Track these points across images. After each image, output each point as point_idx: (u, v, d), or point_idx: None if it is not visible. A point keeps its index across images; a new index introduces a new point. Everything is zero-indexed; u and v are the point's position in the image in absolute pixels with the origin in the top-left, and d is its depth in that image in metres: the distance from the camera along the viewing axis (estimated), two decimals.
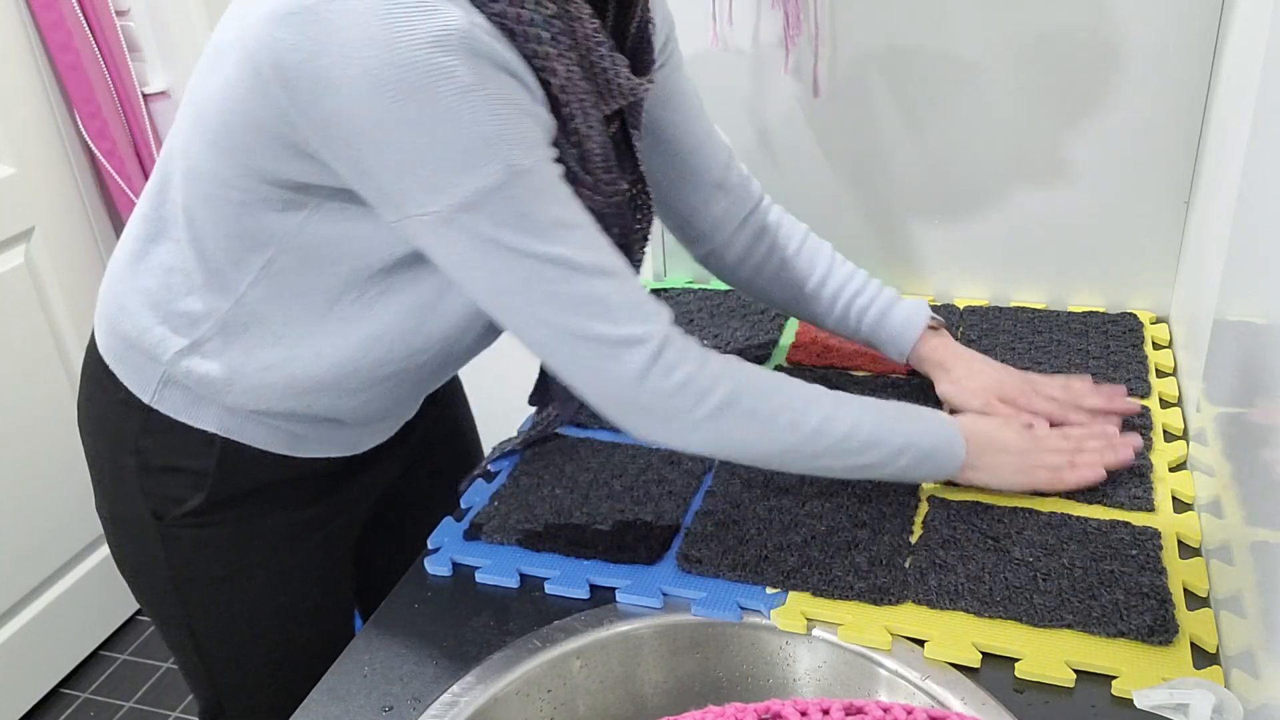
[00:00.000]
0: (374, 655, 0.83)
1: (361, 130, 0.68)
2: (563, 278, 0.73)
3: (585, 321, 0.75)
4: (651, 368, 0.76)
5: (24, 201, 1.83)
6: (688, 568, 0.87)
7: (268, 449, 0.89)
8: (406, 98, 0.66)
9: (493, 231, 0.71)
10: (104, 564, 2.05)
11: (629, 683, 0.86)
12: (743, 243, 1.06)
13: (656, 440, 0.81)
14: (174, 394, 0.87)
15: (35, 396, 1.87)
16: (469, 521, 0.95)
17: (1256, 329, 0.72)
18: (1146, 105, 1.15)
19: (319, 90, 0.67)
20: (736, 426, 0.80)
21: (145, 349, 0.86)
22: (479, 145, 0.68)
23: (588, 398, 0.79)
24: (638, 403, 0.78)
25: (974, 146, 1.23)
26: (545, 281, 0.73)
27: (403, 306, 0.83)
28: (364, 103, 0.66)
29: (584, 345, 0.76)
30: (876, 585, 0.82)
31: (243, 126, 0.73)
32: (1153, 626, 0.76)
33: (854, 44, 1.23)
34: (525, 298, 0.74)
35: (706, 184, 1.03)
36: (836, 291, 1.06)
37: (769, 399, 0.82)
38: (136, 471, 0.90)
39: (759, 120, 1.31)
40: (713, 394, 0.79)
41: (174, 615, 0.96)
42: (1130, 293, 1.26)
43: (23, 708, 1.92)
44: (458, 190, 0.69)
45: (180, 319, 0.84)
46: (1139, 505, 0.90)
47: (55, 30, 1.79)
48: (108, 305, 0.89)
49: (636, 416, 0.80)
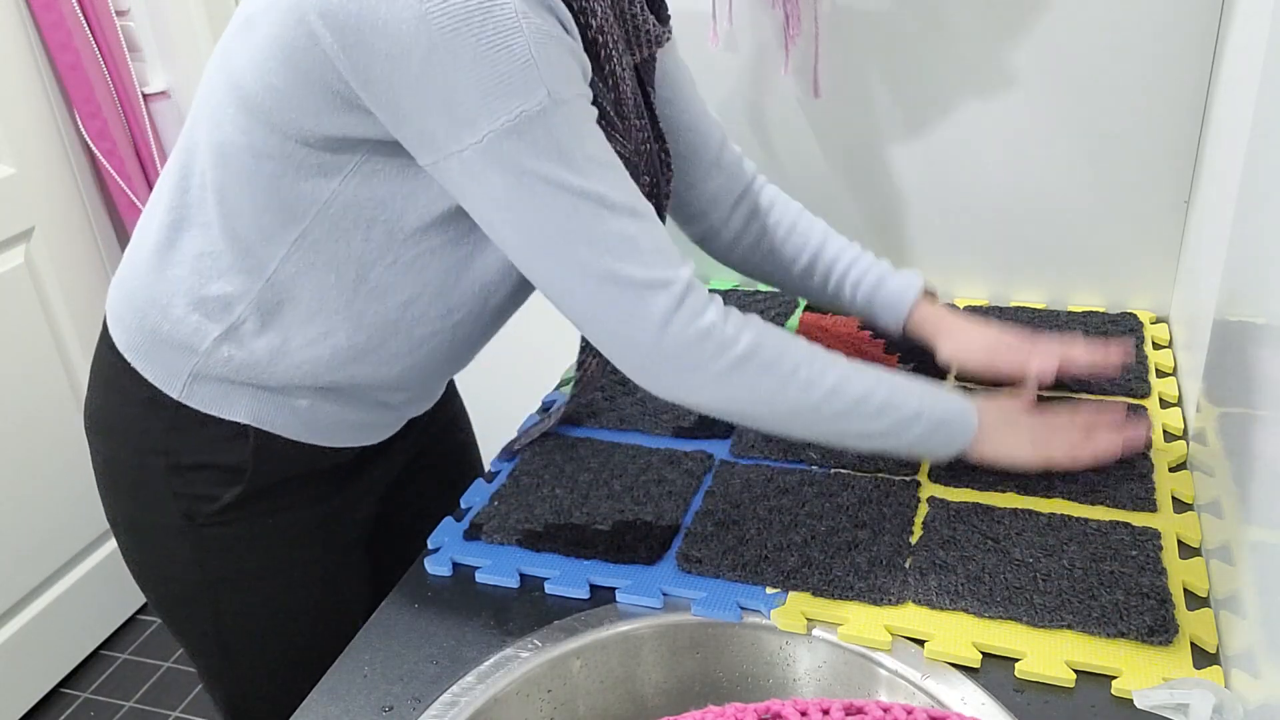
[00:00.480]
0: (374, 655, 0.83)
1: (408, 65, 0.69)
2: (595, 215, 0.74)
3: (615, 262, 0.75)
4: (676, 312, 0.77)
5: (24, 201, 1.83)
6: (688, 568, 0.87)
7: (298, 438, 0.90)
8: (455, 27, 0.68)
9: (532, 162, 0.72)
10: (104, 564, 2.05)
11: (629, 683, 0.86)
12: (738, 221, 1.07)
13: (674, 393, 0.81)
14: (205, 387, 0.86)
15: (35, 396, 1.87)
16: (469, 521, 0.95)
17: (1256, 329, 0.72)
18: (1146, 105, 1.15)
19: (365, 30, 0.69)
20: (755, 381, 0.80)
21: (179, 341, 0.85)
22: (524, 70, 0.69)
23: (609, 346, 0.79)
24: (660, 350, 0.78)
25: (974, 146, 1.23)
26: (579, 216, 0.74)
27: (435, 268, 0.84)
28: (411, 37, 0.68)
29: (611, 287, 0.76)
30: (876, 585, 0.82)
31: (286, 85, 0.74)
32: (1153, 626, 0.76)
33: (854, 44, 1.23)
34: (558, 235, 0.74)
35: (702, 162, 1.04)
36: (830, 266, 1.06)
37: (788, 354, 0.81)
38: (165, 472, 0.89)
39: (759, 120, 1.30)
40: (734, 345, 0.79)
41: (200, 619, 0.95)
42: (1130, 293, 1.26)
43: (23, 708, 1.92)
44: (501, 115, 0.70)
45: (214, 304, 0.84)
46: (1139, 505, 0.90)
47: (55, 30, 1.79)
48: (132, 301, 0.88)
49: (657, 365, 0.79)
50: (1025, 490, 0.93)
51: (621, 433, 1.08)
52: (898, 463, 0.98)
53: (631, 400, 1.13)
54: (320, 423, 0.90)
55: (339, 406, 0.90)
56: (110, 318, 0.91)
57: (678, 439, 1.06)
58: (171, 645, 2.07)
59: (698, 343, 0.78)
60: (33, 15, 1.79)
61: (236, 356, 0.85)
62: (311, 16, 0.70)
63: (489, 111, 0.70)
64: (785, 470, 0.98)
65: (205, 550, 0.91)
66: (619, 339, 0.79)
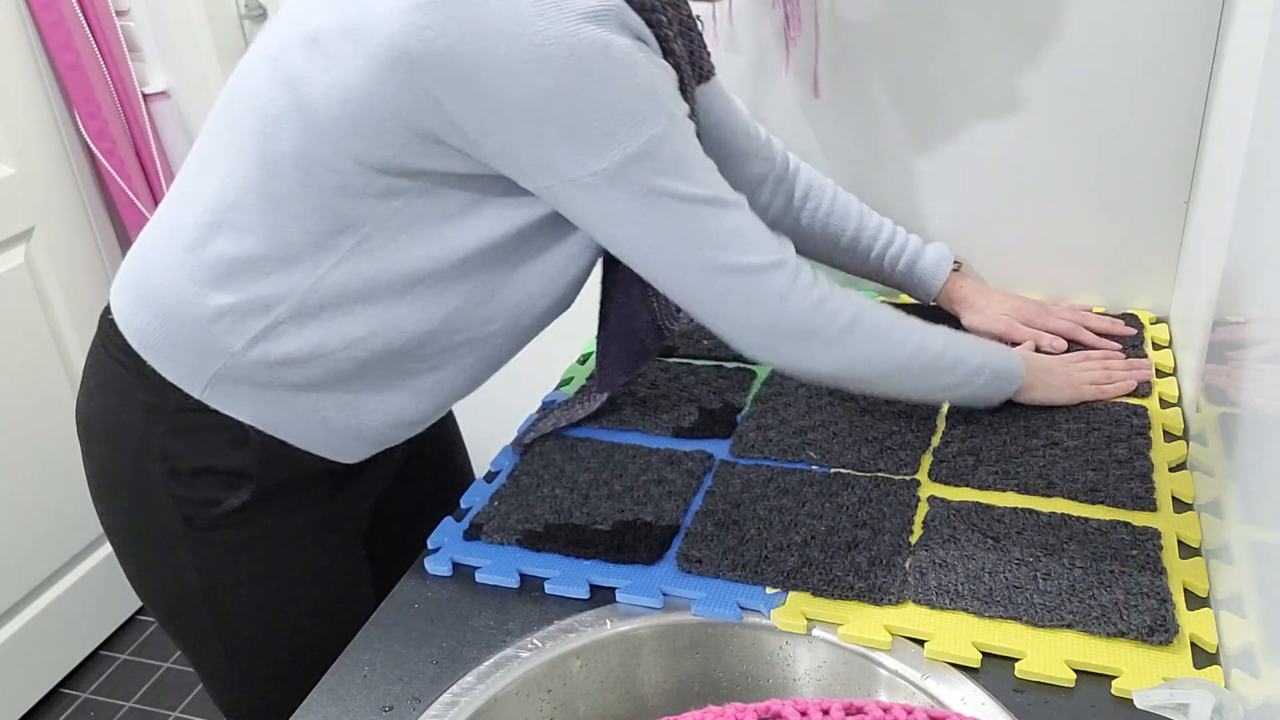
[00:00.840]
0: (374, 655, 0.83)
1: (528, 103, 0.71)
2: (713, 216, 0.80)
3: (735, 255, 0.82)
4: (792, 287, 0.84)
5: (24, 201, 1.83)
6: (688, 568, 0.87)
7: (306, 447, 0.90)
8: (577, 65, 0.70)
9: (658, 181, 0.77)
10: (104, 564, 2.05)
11: (629, 683, 0.86)
12: (779, 204, 1.13)
13: (797, 362, 0.88)
14: (227, 388, 0.86)
15: (35, 396, 1.87)
16: (469, 521, 0.95)
17: (1256, 329, 0.73)
18: (1146, 105, 1.15)
19: (481, 70, 0.71)
20: (863, 342, 0.88)
21: (208, 342, 0.84)
22: (646, 97, 0.74)
23: (733, 330, 0.86)
24: (781, 323, 0.85)
25: (974, 146, 1.23)
26: (698, 221, 0.80)
27: (481, 282, 0.85)
28: (532, 77, 0.70)
29: (734, 278, 0.82)
30: (876, 585, 0.83)
31: (370, 118, 0.75)
32: (1153, 626, 0.76)
33: (854, 44, 1.23)
34: (682, 242, 0.80)
35: (736, 151, 1.08)
36: (870, 243, 1.17)
37: (884, 316, 0.90)
38: (164, 477, 0.88)
39: (759, 120, 1.30)
40: (843, 312, 0.87)
41: (203, 626, 0.95)
42: (1130, 293, 1.26)
43: (23, 708, 1.92)
44: (628, 143, 0.74)
45: (251, 305, 0.83)
46: (1139, 505, 0.90)
47: (55, 30, 1.79)
48: (153, 301, 0.86)
49: (778, 338, 0.86)
50: (1025, 490, 0.93)
51: (621, 433, 1.08)
52: (898, 462, 0.98)
53: (632, 400, 1.13)
54: (334, 432, 0.90)
55: (358, 416, 0.90)
56: (121, 318, 0.89)
57: (678, 439, 1.06)
58: (171, 646, 2.07)
59: (813, 312, 0.85)
60: (33, 15, 1.79)
61: (270, 356, 0.85)
62: (411, 59, 0.71)
63: (617, 140, 0.74)
64: (785, 470, 0.98)
65: (205, 555, 0.91)
66: (744, 323, 0.85)
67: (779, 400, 1.10)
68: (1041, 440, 0.99)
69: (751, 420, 1.07)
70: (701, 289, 0.83)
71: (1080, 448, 0.98)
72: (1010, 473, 0.95)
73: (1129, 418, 1.02)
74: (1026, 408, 1.04)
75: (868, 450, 1.00)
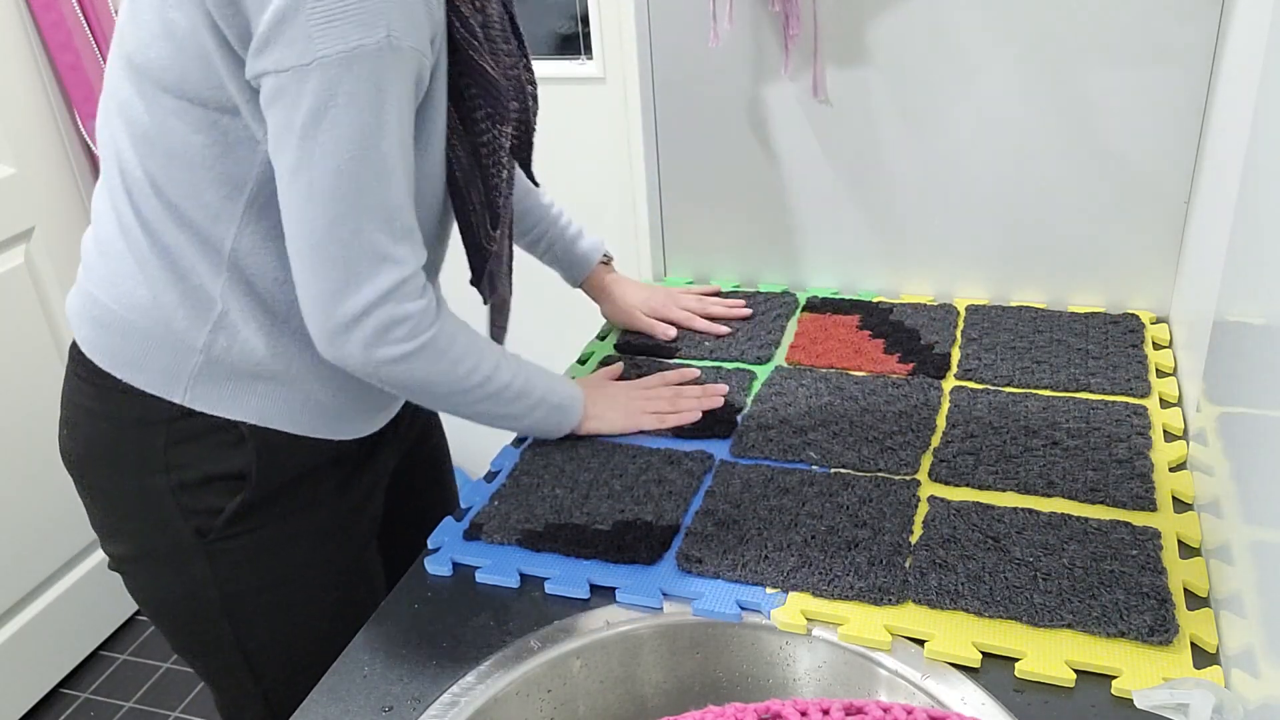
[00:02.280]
0: (374, 655, 0.83)
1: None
2: (378, 176, 0.77)
3: (371, 225, 0.79)
4: (395, 290, 0.81)
5: (24, 201, 1.83)
6: (688, 568, 0.87)
7: (300, 432, 0.90)
8: None
9: (345, 99, 0.73)
10: (104, 565, 2.04)
11: (629, 683, 0.86)
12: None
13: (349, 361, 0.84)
14: (208, 387, 0.86)
15: (35, 396, 1.87)
16: (469, 521, 0.95)
17: (1256, 329, 0.73)
18: (1146, 106, 1.15)
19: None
20: (429, 365, 0.86)
21: (174, 343, 0.85)
22: (373, 7, 0.72)
23: (318, 299, 0.81)
24: (363, 319, 0.81)
25: (974, 146, 1.23)
26: (367, 165, 0.76)
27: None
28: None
29: (355, 244, 0.79)
30: (876, 585, 0.82)
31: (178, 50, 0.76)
32: (1153, 626, 0.76)
33: (854, 44, 1.23)
34: (338, 180, 0.76)
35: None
36: (542, 234, 1.20)
37: (457, 343, 0.89)
38: (171, 491, 0.88)
39: (759, 120, 1.31)
40: (423, 333, 0.85)
41: (223, 639, 0.94)
42: (1130, 293, 1.26)
43: (23, 708, 1.92)
44: (336, 44, 0.72)
45: (195, 297, 0.84)
46: (1139, 505, 0.90)
47: (55, 30, 1.80)
48: (109, 316, 0.87)
49: (348, 332, 0.82)
50: (1025, 489, 0.93)
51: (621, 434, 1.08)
52: (898, 462, 0.98)
53: None
54: (324, 409, 0.90)
55: (337, 386, 0.91)
56: (85, 340, 0.89)
57: (678, 439, 1.06)
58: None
59: (397, 323, 0.83)
60: (33, 15, 1.79)
61: (234, 346, 0.85)
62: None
63: (324, 36, 0.72)
64: (785, 470, 0.98)
65: (221, 566, 0.91)
66: (331, 296, 0.80)
67: (779, 400, 1.10)
68: (1041, 440, 0.99)
69: (751, 420, 1.07)
70: (320, 236, 0.79)
71: (1080, 447, 0.98)
72: (1010, 473, 0.95)
73: (1129, 417, 1.02)
74: (1027, 407, 1.04)
75: (868, 450, 1.00)
